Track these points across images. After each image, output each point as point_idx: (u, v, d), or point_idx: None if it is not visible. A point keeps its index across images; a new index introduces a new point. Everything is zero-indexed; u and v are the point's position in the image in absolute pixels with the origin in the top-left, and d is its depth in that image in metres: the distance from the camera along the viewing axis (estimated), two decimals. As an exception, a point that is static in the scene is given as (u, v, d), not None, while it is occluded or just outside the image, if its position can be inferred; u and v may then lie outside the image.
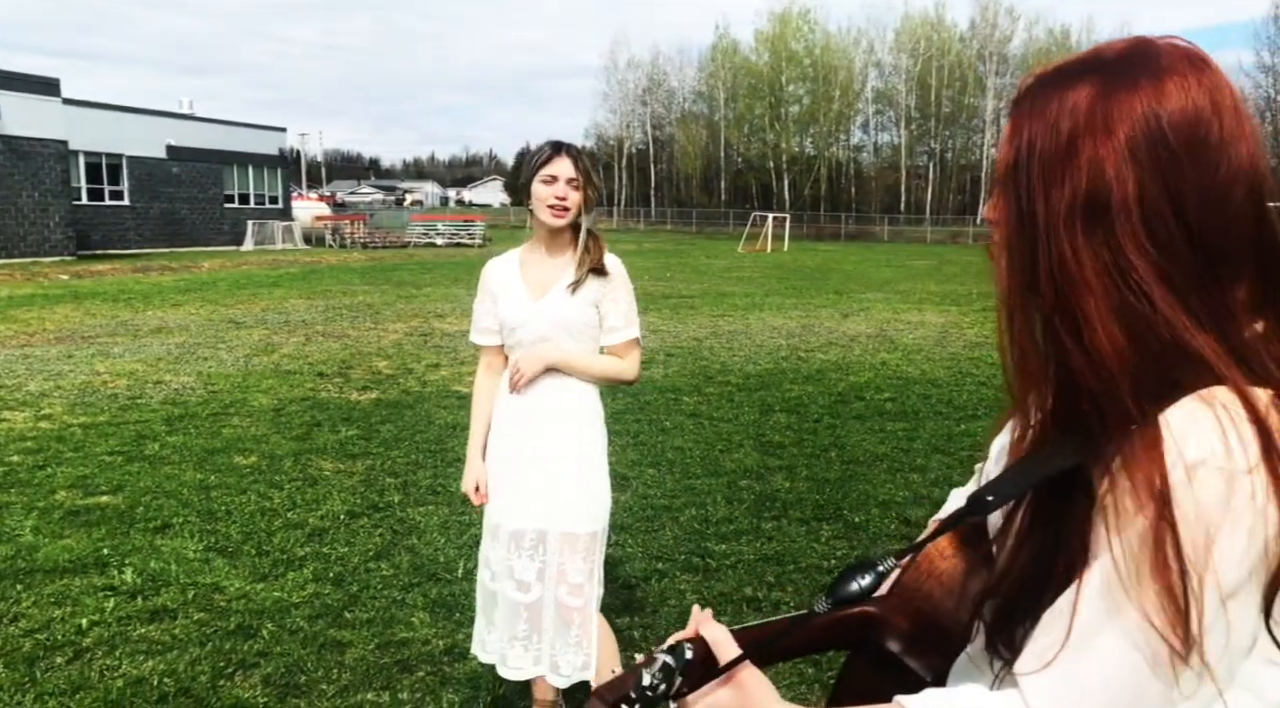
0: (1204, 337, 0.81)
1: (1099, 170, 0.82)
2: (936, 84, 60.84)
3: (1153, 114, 0.81)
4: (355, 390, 8.07)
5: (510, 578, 2.60)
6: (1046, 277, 0.85)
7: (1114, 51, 0.86)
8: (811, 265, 27.41)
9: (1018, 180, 0.87)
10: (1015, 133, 0.89)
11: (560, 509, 2.59)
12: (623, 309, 2.66)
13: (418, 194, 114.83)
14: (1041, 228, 0.85)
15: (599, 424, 2.72)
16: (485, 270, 2.79)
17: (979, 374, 8.96)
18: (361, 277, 21.02)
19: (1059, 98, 0.86)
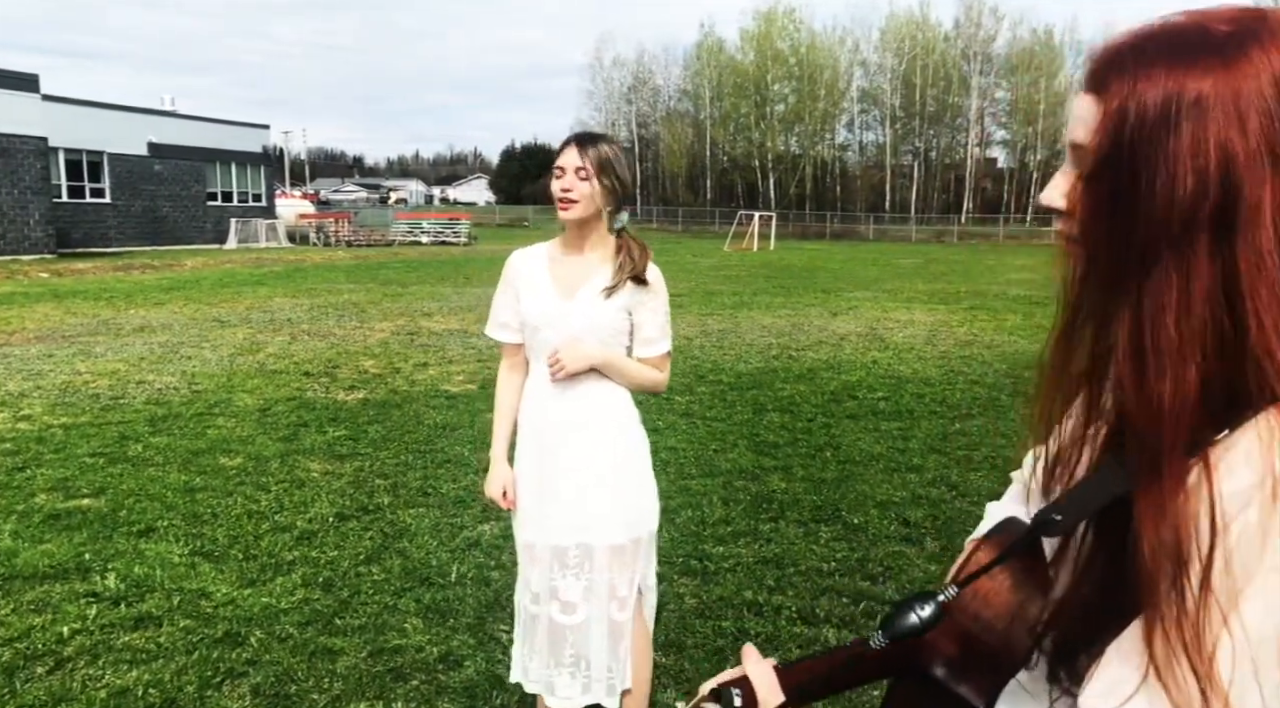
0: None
1: (1230, 169, 0.70)
2: (921, 83, 61.01)
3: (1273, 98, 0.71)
4: (342, 390, 7.95)
5: (555, 599, 2.45)
6: (1132, 303, 0.75)
7: (1226, 21, 0.74)
8: (798, 264, 27.39)
9: (1119, 175, 0.75)
10: (1110, 118, 0.76)
11: (604, 520, 2.45)
12: (660, 321, 2.52)
13: (402, 192, 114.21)
14: (1140, 242, 0.74)
15: (638, 427, 2.59)
16: (510, 262, 2.61)
17: (970, 373, 8.92)
18: (346, 275, 20.84)
19: (1167, 73, 0.73)
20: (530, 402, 2.56)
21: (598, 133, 2.51)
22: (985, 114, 63.58)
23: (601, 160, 2.39)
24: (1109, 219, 0.77)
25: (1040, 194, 0.86)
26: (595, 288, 2.45)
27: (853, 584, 3.94)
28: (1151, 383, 0.74)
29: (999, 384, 8.33)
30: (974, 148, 63.65)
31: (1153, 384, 0.74)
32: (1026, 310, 14.51)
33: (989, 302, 16.10)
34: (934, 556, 4.26)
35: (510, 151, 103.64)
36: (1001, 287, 19.50)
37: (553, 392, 2.48)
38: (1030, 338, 11.35)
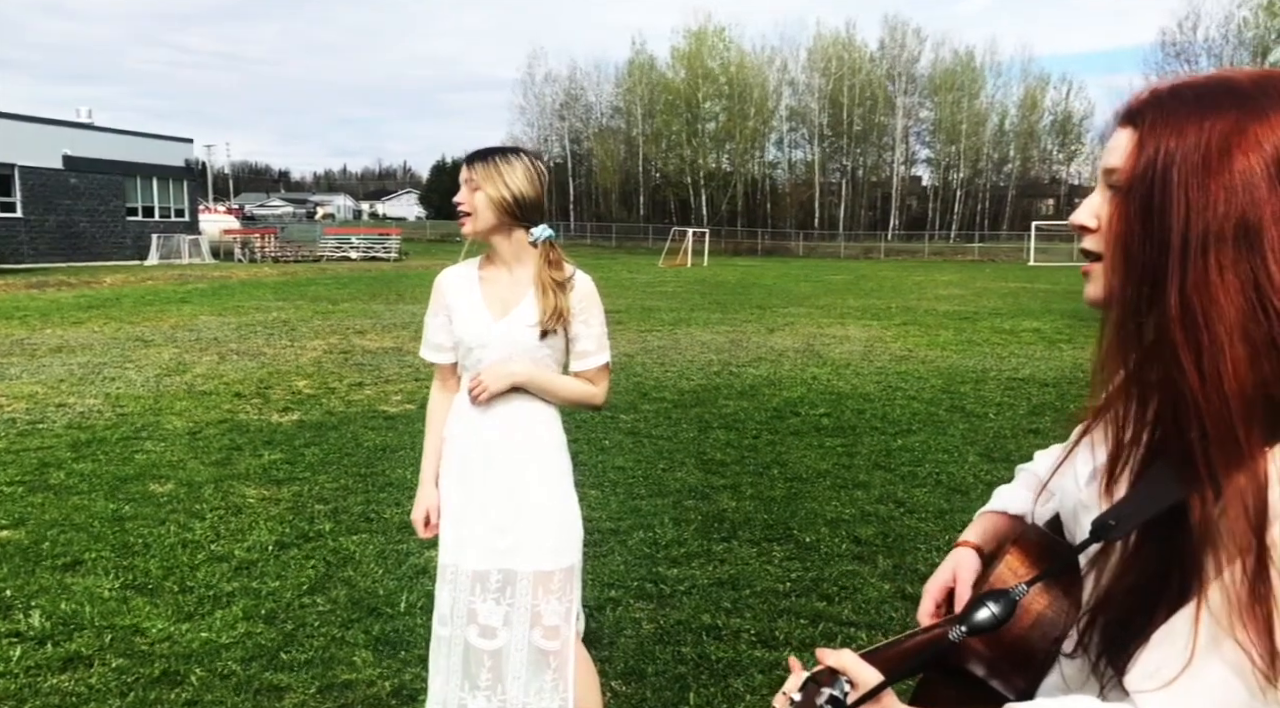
0: None
1: (1252, 187, 0.81)
2: (848, 102, 62.26)
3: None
4: (276, 412, 7.71)
5: (473, 623, 2.38)
6: (1177, 293, 0.84)
7: (1248, 79, 0.87)
8: (732, 280, 27.61)
9: (1150, 195, 0.86)
10: (1145, 145, 0.87)
11: (530, 546, 2.38)
12: (595, 333, 2.48)
13: (330, 207, 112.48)
14: (1179, 243, 0.84)
15: (564, 449, 2.54)
16: (440, 282, 2.55)
17: (908, 388, 9.05)
18: (274, 292, 20.35)
19: (1200, 113, 0.85)
20: (457, 421, 2.51)
21: (499, 147, 2.45)
22: (910, 133, 65.19)
23: (489, 172, 2.35)
24: (1144, 229, 0.86)
25: (1073, 215, 0.98)
26: (525, 310, 2.41)
27: (810, 605, 3.92)
28: (1208, 357, 0.82)
29: (936, 399, 8.46)
30: (899, 166, 65.12)
31: (1210, 358, 0.82)
32: (957, 326, 14.83)
33: (920, 317, 16.41)
34: (887, 574, 4.28)
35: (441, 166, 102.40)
36: (931, 302, 19.90)
37: (478, 412, 2.43)
38: (962, 353, 11.59)
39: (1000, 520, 1.27)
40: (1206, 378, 0.82)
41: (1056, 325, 14.90)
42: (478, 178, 2.36)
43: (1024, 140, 64.24)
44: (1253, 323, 0.81)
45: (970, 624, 0.91)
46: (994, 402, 8.34)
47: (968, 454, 6.44)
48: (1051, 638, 1.00)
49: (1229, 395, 0.81)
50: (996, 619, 0.91)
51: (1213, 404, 0.82)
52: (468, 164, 2.40)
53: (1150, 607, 0.88)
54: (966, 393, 8.79)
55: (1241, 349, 0.82)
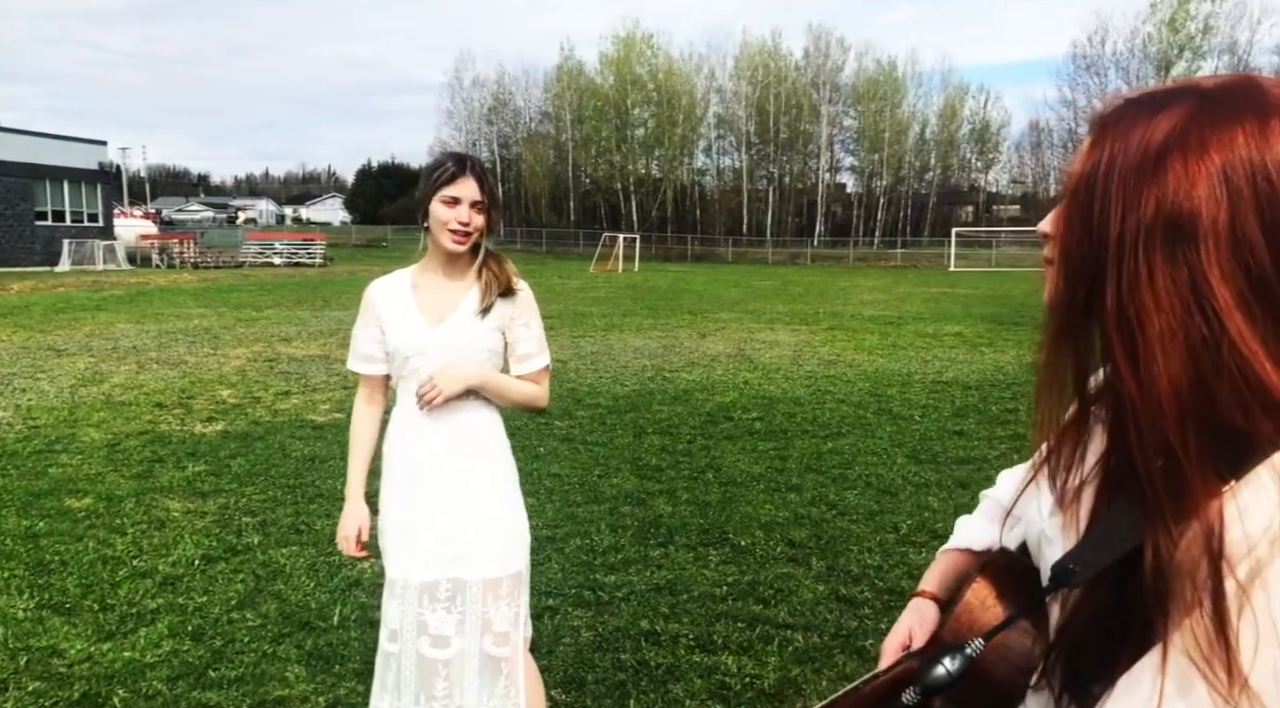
0: None
1: (1186, 190, 0.78)
2: (774, 110, 62.98)
3: (1256, 147, 0.77)
4: (199, 422, 7.50)
5: (424, 634, 2.34)
6: (1114, 296, 0.81)
7: (1215, 83, 0.83)
8: (663, 286, 27.74)
9: (1091, 194, 0.83)
10: (1095, 148, 0.85)
11: (478, 553, 2.36)
12: (535, 335, 2.49)
13: (252, 212, 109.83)
14: (1114, 244, 0.81)
15: (509, 454, 2.53)
16: (370, 292, 2.52)
17: (837, 392, 9.20)
18: (195, 299, 19.79)
19: (1150, 117, 0.82)
20: (399, 432, 2.47)
21: (476, 157, 2.46)
22: (834, 141, 66.21)
23: (493, 190, 2.39)
24: (1082, 229, 0.84)
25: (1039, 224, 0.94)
26: (465, 311, 2.41)
27: (746, 608, 3.96)
28: (1144, 362, 0.78)
29: (864, 403, 8.62)
30: (825, 173, 66.15)
31: (1146, 363, 0.78)
32: (883, 330, 15.12)
33: (846, 322, 16.69)
34: (821, 575, 4.34)
35: (366, 170, 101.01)
36: (856, 307, 20.27)
37: (424, 420, 2.40)
38: (888, 357, 11.83)
39: (961, 560, 1.22)
40: (1143, 386, 0.79)
41: (977, 330, 15.31)
42: (488, 200, 2.36)
43: (944, 149, 65.74)
44: (1192, 330, 0.77)
45: (925, 685, 0.90)
46: (919, 404, 8.53)
47: (896, 456, 6.57)
48: (1019, 670, 0.97)
49: (1163, 402, 0.78)
50: (951, 678, 0.89)
51: (1150, 416, 0.78)
52: (479, 182, 2.34)
53: (1112, 649, 0.84)
54: (893, 396, 8.98)
55: (1180, 357, 0.78)
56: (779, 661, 3.48)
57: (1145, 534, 0.80)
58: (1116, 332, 0.81)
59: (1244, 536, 0.75)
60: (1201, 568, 0.76)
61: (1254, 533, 0.75)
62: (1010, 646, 0.95)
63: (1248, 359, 0.76)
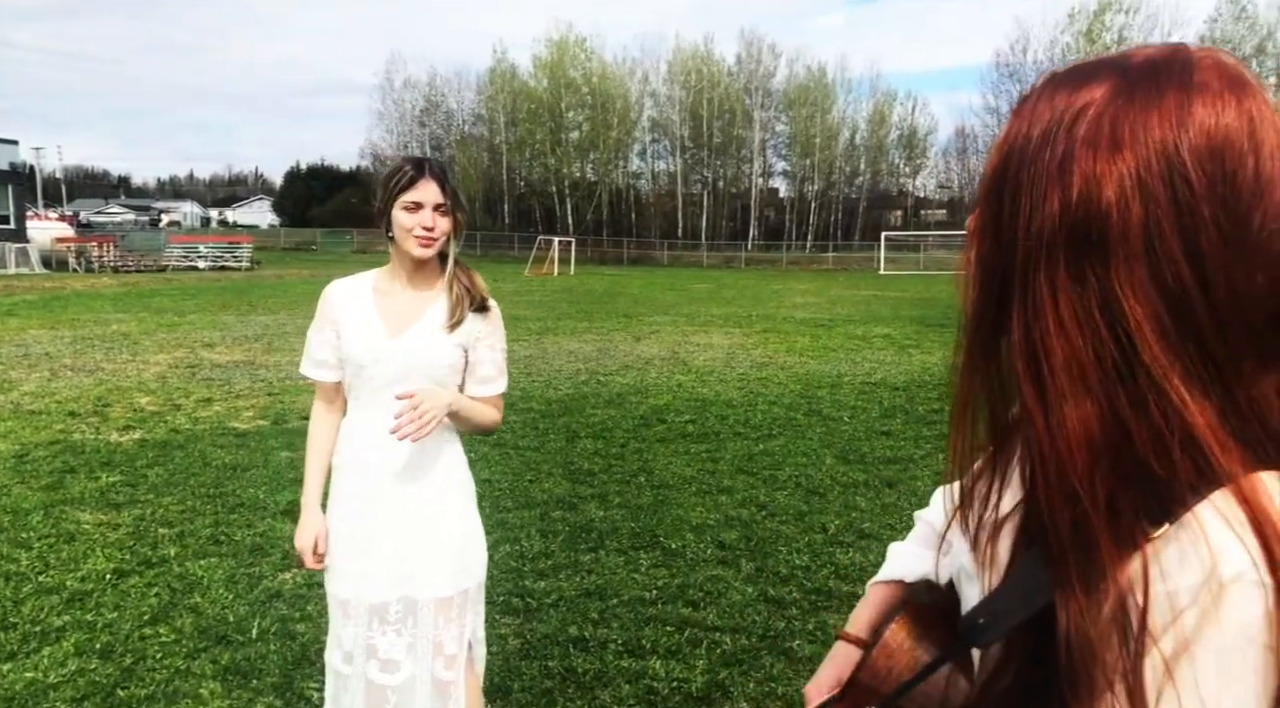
0: (1201, 408, 0.66)
1: (1093, 193, 0.67)
2: (708, 115, 63.40)
3: (1172, 139, 0.66)
4: (115, 431, 7.24)
5: (373, 658, 2.24)
6: (1020, 317, 0.71)
7: (1142, 56, 0.71)
8: (599, 289, 27.71)
9: (1001, 192, 0.73)
10: (1007, 136, 0.74)
11: (430, 571, 2.27)
12: (498, 359, 2.39)
13: (175, 214, 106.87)
14: (1020, 252, 0.70)
15: (464, 467, 2.43)
16: (328, 294, 2.39)
17: (768, 394, 9.27)
18: (114, 303, 19.15)
19: (1063, 100, 0.71)
20: (350, 445, 2.36)
21: (437, 159, 2.36)
22: (767, 146, 66.95)
23: (455, 192, 2.28)
24: (991, 237, 0.74)
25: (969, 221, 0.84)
26: (429, 323, 2.30)
27: (675, 612, 3.95)
28: (1052, 400, 0.68)
29: (795, 404, 8.70)
30: (758, 178, 66.80)
31: (1054, 403, 0.68)
32: (814, 333, 15.31)
33: (779, 325, 16.86)
34: (750, 577, 4.35)
35: (295, 172, 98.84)
36: (789, 310, 20.48)
37: (375, 432, 2.26)
38: (819, 359, 11.97)
39: (891, 594, 1.11)
40: (1050, 422, 0.69)
41: (905, 331, 15.58)
42: (450, 202, 2.26)
43: (873, 154, 66.91)
44: (1103, 359, 0.67)
45: None
46: (849, 405, 8.64)
47: (825, 457, 6.63)
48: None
49: (1072, 445, 0.67)
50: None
51: (1057, 457, 0.68)
52: (440, 185, 2.24)
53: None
54: (823, 397, 9.08)
55: (1087, 392, 0.68)
56: (707, 664, 3.47)
57: (1056, 590, 0.70)
58: (1022, 359, 0.70)
59: (1167, 596, 0.64)
60: (1113, 643, 0.66)
61: (1180, 593, 0.64)
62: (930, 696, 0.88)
63: (1166, 392, 0.66)
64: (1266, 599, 0.62)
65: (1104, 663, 0.67)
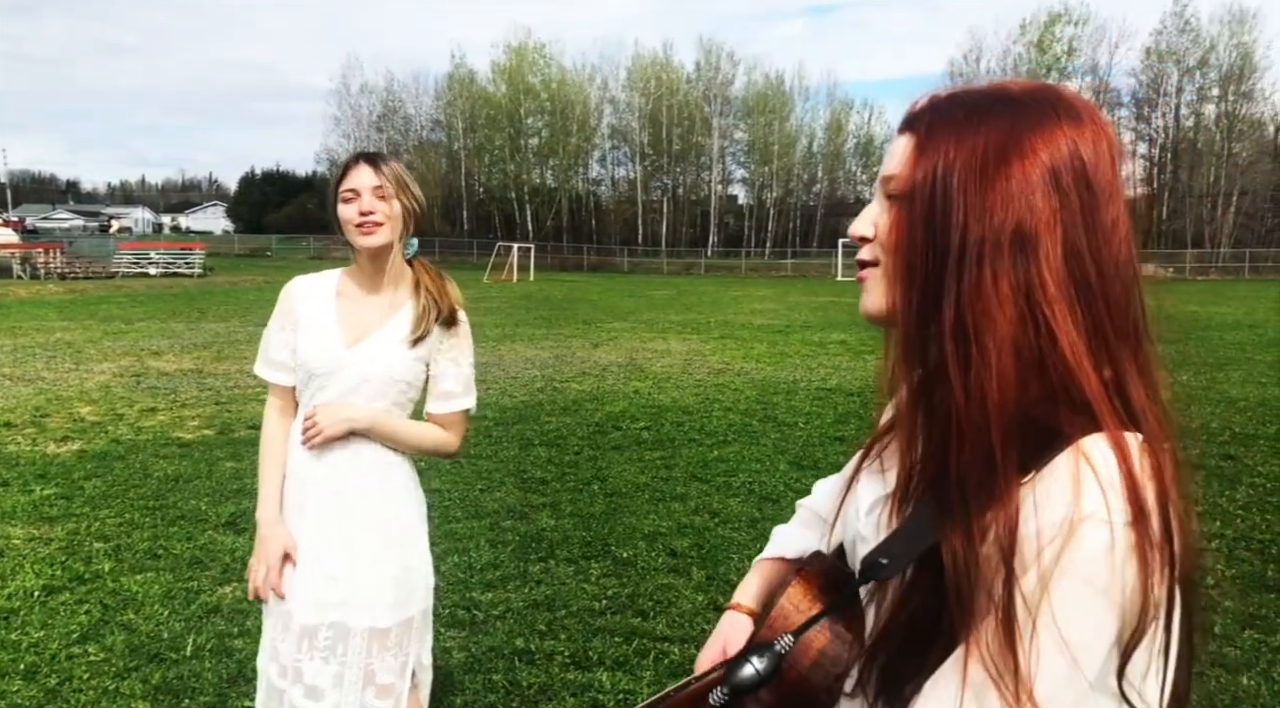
0: (1095, 377, 0.80)
1: (1028, 194, 0.81)
2: (667, 122, 63.60)
3: (1074, 150, 0.82)
4: (53, 442, 7.03)
5: (299, 682, 2.12)
6: (953, 304, 0.82)
7: (1022, 90, 0.86)
8: (558, 296, 27.61)
9: (931, 202, 0.84)
10: (925, 153, 0.85)
11: (365, 599, 2.14)
12: (464, 374, 2.26)
13: (126, 220, 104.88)
14: (957, 252, 0.82)
15: (414, 490, 2.29)
16: (291, 290, 2.26)
17: (724, 400, 9.26)
18: (59, 311, 18.71)
19: (978, 121, 0.84)
20: (295, 453, 2.23)
21: (387, 154, 2.24)
22: (726, 153, 67.25)
23: (398, 176, 2.15)
24: (922, 235, 0.84)
25: (852, 226, 0.93)
26: (389, 333, 2.18)
27: (624, 622, 3.90)
28: (975, 372, 0.80)
29: (751, 410, 8.69)
30: (717, 185, 67.09)
31: (977, 373, 0.79)
32: (771, 339, 15.36)
33: (736, 331, 16.90)
34: (701, 585, 4.31)
35: (250, 178, 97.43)
36: (747, 317, 20.55)
37: (319, 447, 2.17)
38: (775, 365, 12.00)
39: (777, 568, 1.21)
40: (971, 396, 0.80)
41: (861, 338, 15.68)
42: (391, 185, 2.13)
43: (831, 162, 67.50)
44: (1023, 336, 0.80)
45: (733, 684, 0.87)
46: (804, 411, 8.65)
47: (779, 463, 6.62)
48: (834, 676, 0.93)
49: (991, 415, 0.79)
50: (760, 677, 0.86)
51: (974, 425, 0.79)
52: (373, 167, 2.14)
53: (923, 648, 0.83)
54: (779, 403, 9.08)
55: (1010, 364, 0.79)
56: (654, 675, 3.42)
57: (943, 527, 0.80)
58: (952, 340, 0.81)
59: (1036, 532, 0.75)
60: (996, 570, 0.76)
61: (1047, 527, 0.75)
62: (825, 650, 0.91)
63: (1072, 368, 0.79)
64: (1111, 537, 0.73)
65: (984, 592, 0.77)
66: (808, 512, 1.25)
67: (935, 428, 0.84)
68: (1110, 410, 0.78)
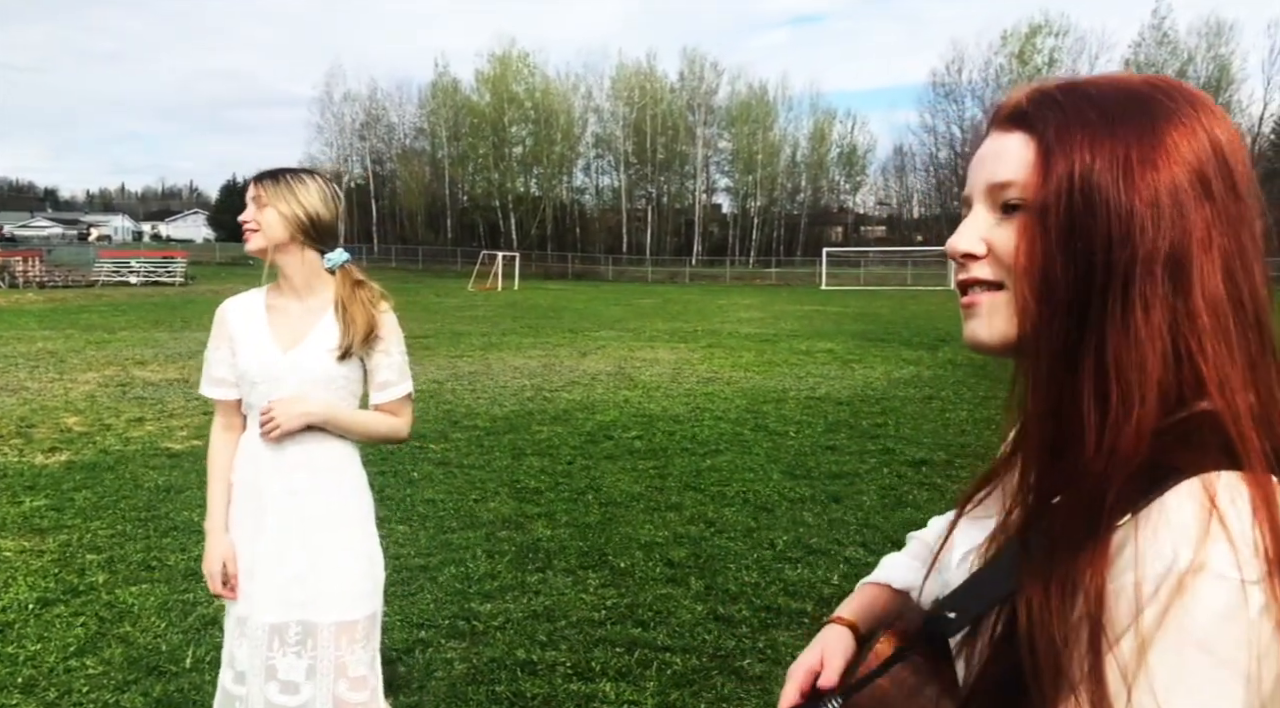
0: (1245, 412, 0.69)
1: (1180, 204, 0.71)
2: (651, 131, 63.76)
3: (1217, 147, 0.72)
4: (40, 452, 6.97)
5: (273, 679, 2.19)
6: (1095, 336, 0.72)
7: (1144, 82, 0.76)
8: (544, 304, 27.60)
9: (1070, 215, 0.73)
10: (1056, 157, 0.74)
11: (330, 594, 2.22)
12: (396, 362, 2.34)
13: (105, 229, 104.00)
14: (1102, 276, 0.71)
15: (364, 487, 2.39)
16: (222, 311, 2.37)
17: (715, 409, 9.28)
18: (40, 320, 18.54)
19: (1112, 119, 0.73)
20: (245, 462, 2.32)
21: (291, 167, 2.33)
22: (710, 162, 67.46)
23: (279, 190, 2.24)
24: (1061, 257, 0.73)
25: (951, 240, 0.81)
26: (318, 340, 2.26)
27: (625, 632, 3.90)
28: (1115, 417, 0.70)
29: (741, 419, 8.72)
30: (701, 194, 67.27)
31: (1116, 418, 0.70)
32: (758, 348, 15.40)
33: (724, 339, 16.94)
34: (699, 595, 4.32)
35: (231, 186, 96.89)
36: (734, 325, 20.60)
37: (270, 452, 2.25)
38: (764, 374, 12.04)
39: (881, 594, 1.11)
40: (1103, 446, 0.70)
41: (848, 346, 15.76)
42: (266, 195, 2.23)
43: (814, 171, 67.84)
44: (1169, 376, 0.70)
45: None
46: (794, 420, 8.68)
47: (772, 472, 6.64)
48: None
49: (1118, 468, 0.68)
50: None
51: (1096, 476, 0.69)
52: (256, 182, 2.27)
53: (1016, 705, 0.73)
54: (769, 412, 9.11)
55: (1153, 412, 0.69)
56: (657, 685, 3.43)
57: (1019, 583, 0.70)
58: (1091, 378, 0.71)
59: (1135, 583, 0.64)
60: (1081, 637, 0.65)
61: (1150, 580, 0.63)
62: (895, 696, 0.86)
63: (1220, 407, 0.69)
64: (1241, 596, 0.61)
65: (1072, 661, 0.66)
66: (919, 544, 1.15)
67: (1051, 474, 0.74)
68: (1259, 449, 0.67)
